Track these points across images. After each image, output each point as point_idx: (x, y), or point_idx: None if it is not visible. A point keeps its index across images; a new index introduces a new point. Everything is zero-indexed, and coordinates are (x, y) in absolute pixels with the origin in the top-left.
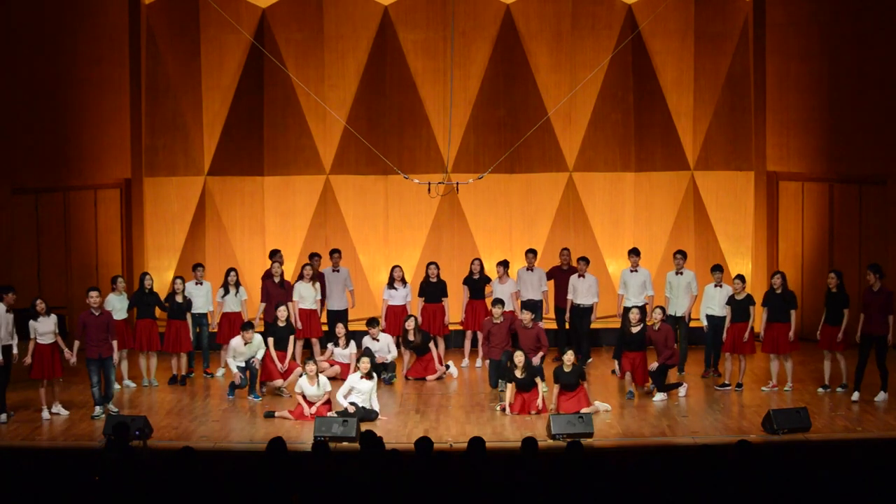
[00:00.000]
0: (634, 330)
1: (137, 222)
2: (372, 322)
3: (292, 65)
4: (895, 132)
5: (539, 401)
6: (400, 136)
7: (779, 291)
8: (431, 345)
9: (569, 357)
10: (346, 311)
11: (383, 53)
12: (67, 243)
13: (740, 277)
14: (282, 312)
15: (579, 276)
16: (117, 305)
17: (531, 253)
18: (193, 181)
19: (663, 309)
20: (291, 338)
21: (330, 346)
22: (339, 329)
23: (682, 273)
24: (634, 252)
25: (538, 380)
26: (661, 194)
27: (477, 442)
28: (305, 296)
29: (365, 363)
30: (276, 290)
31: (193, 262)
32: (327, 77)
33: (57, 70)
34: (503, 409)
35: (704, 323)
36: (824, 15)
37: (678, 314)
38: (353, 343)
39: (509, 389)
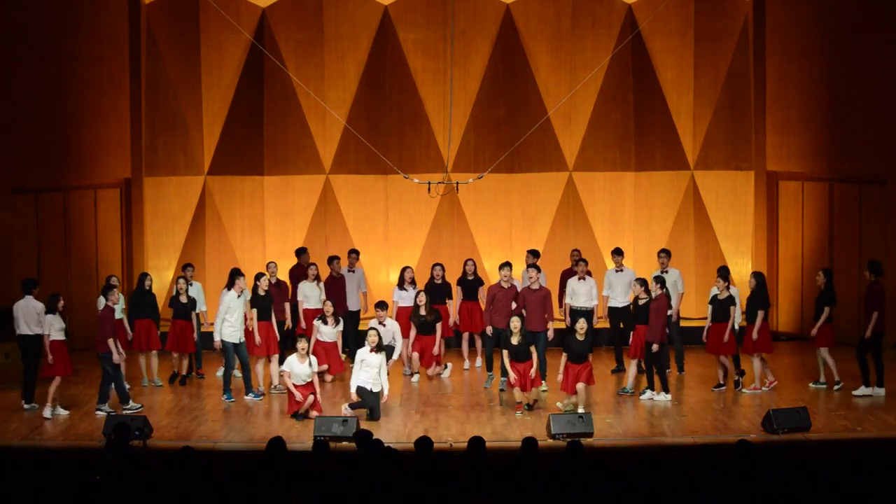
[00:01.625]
0: (641, 302)
1: (137, 222)
2: (380, 305)
3: (292, 64)
4: (895, 132)
5: (533, 371)
6: (400, 136)
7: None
8: (438, 326)
9: (581, 325)
10: (358, 313)
11: (383, 53)
12: (67, 243)
13: (757, 276)
14: (263, 282)
15: (579, 278)
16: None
17: (532, 254)
18: (193, 181)
19: (662, 280)
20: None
21: (317, 322)
22: (328, 307)
23: (667, 272)
24: (618, 252)
25: (533, 349)
26: (661, 194)
27: (477, 442)
28: (310, 296)
29: (373, 336)
30: (272, 291)
31: (193, 261)
32: (327, 77)
33: (57, 70)
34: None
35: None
36: (824, 15)
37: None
38: (341, 321)
39: (505, 356)
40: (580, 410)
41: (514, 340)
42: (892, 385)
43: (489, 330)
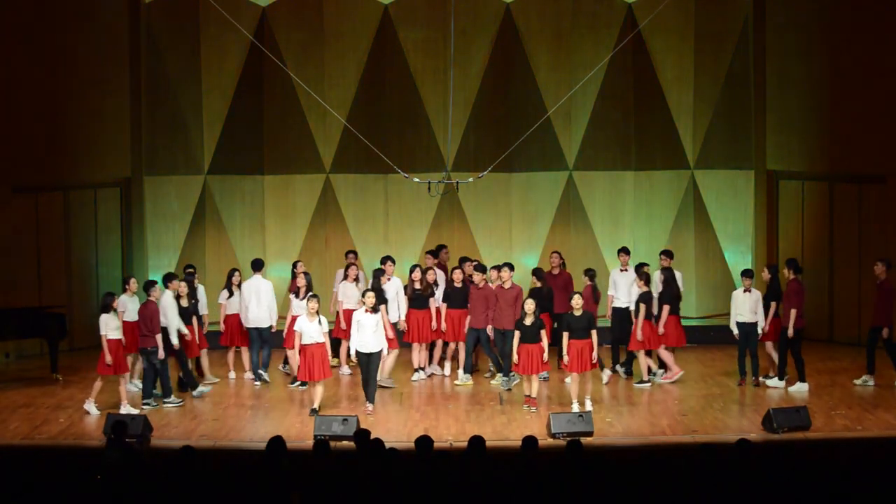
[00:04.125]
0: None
1: (137, 221)
2: (389, 258)
3: (292, 64)
4: (895, 131)
5: (545, 356)
6: (400, 135)
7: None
8: (432, 301)
9: (577, 301)
10: None
11: (383, 52)
12: (67, 242)
13: (641, 275)
14: (383, 279)
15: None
16: (130, 307)
17: (432, 254)
18: (193, 180)
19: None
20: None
21: (291, 296)
22: (300, 280)
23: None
24: (624, 251)
25: (543, 333)
26: (661, 193)
27: (477, 441)
28: (350, 295)
29: (370, 297)
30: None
31: (193, 261)
32: (327, 76)
33: (57, 69)
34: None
35: (735, 331)
36: (824, 15)
37: None
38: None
39: (515, 338)
40: (581, 409)
41: (528, 322)
42: (892, 381)
43: (489, 330)
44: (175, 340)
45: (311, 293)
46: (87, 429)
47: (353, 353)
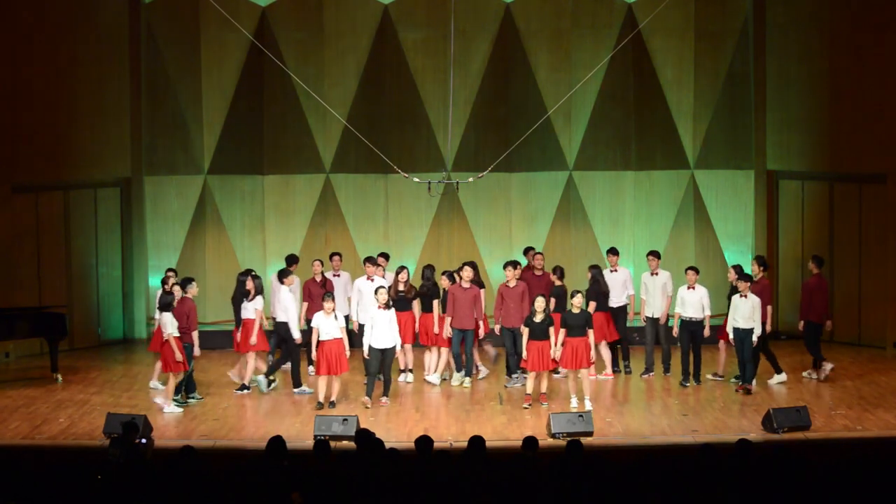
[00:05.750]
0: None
1: (137, 221)
2: (371, 259)
3: (292, 63)
4: (895, 131)
5: (554, 352)
6: (400, 135)
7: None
8: (436, 303)
9: (577, 300)
10: (346, 318)
11: (383, 52)
12: (67, 242)
13: (555, 270)
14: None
15: (689, 287)
16: None
17: (384, 256)
18: (193, 180)
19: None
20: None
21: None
22: (249, 283)
23: (657, 274)
24: (613, 252)
25: (552, 330)
26: (661, 193)
27: (477, 441)
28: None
29: (382, 294)
30: (317, 290)
31: (193, 261)
32: (327, 76)
33: (57, 69)
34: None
35: (731, 336)
36: (824, 14)
37: (655, 315)
38: (259, 298)
39: (524, 335)
40: (580, 409)
41: (538, 319)
42: (892, 381)
43: (497, 329)
44: (297, 335)
45: (327, 293)
46: (87, 429)
47: (365, 348)
